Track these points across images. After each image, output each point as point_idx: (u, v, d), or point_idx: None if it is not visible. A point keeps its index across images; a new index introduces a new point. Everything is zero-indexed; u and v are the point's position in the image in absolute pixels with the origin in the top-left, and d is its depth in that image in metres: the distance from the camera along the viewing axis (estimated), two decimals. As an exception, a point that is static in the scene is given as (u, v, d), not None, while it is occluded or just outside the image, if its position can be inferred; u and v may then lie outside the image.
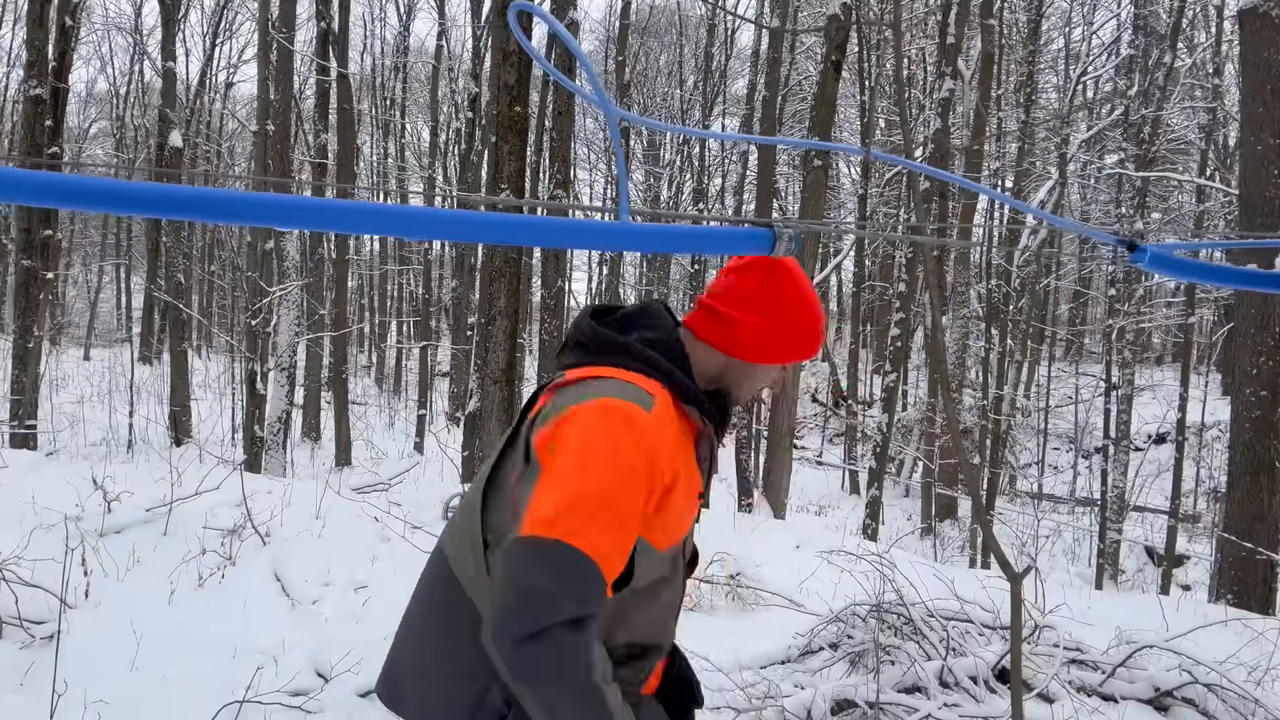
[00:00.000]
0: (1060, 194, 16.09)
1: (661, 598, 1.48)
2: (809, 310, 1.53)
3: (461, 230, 0.89)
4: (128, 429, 12.15)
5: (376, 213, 0.95)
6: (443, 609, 1.48)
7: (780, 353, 1.54)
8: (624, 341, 1.44)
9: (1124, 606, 6.13)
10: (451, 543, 1.51)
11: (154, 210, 0.88)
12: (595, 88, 0.82)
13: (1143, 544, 15.37)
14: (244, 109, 27.81)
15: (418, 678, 1.50)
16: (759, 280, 1.50)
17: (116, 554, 4.70)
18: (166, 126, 12.86)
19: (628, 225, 0.83)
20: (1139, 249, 1.16)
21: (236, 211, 0.90)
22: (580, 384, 1.40)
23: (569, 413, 1.34)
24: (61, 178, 0.84)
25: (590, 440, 1.30)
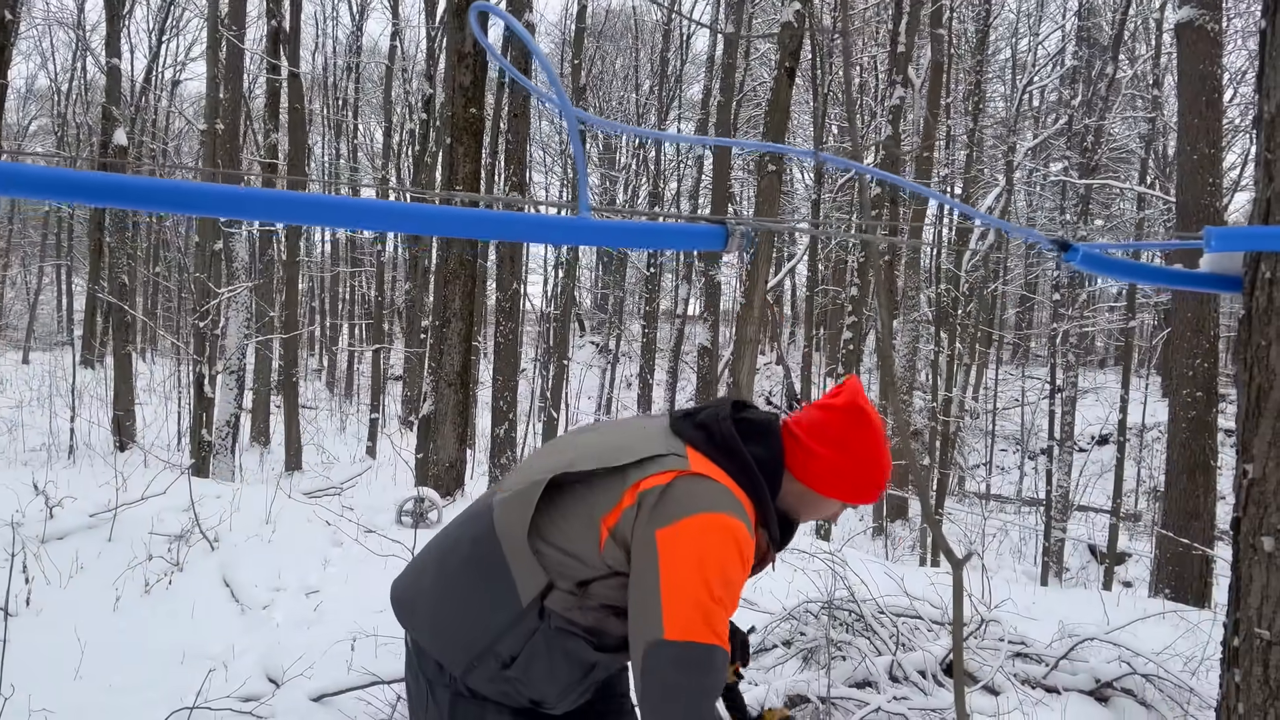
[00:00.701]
0: (1007, 200, 16.45)
1: None
2: (879, 459, 1.72)
3: (423, 224, 0.90)
4: (69, 434, 11.84)
5: (338, 205, 0.96)
6: (479, 564, 1.68)
7: (844, 490, 1.72)
8: (742, 455, 1.65)
9: (1067, 601, 6.28)
10: (502, 513, 1.69)
11: (104, 199, 0.88)
12: (554, 88, 0.85)
13: (1086, 542, 15.77)
14: (191, 107, 27.28)
15: (437, 605, 1.72)
16: (843, 421, 1.71)
17: (59, 561, 4.59)
18: (110, 124, 12.57)
19: (587, 220, 0.85)
20: (1072, 249, 1.21)
21: (188, 202, 0.91)
22: (702, 482, 1.60)
23: (698, 521, 1.55)
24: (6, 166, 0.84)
25: (719, 556, 1.54)
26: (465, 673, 1.67)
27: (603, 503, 1.61)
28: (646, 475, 1.60)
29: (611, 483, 1.62)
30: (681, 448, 1.65)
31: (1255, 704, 1.38)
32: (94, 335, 21.59)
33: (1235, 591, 1.44)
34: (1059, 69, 18.40)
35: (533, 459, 1.82)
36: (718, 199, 15.72)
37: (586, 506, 1.63)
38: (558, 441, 1.88)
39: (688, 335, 22.40)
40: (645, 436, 1.69)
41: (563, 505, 1.65)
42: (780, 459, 1.70)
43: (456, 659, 1.67)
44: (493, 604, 1.64)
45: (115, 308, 13.09)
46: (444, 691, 1.71)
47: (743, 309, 10.26)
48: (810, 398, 22.42)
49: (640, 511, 1.57)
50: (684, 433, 1.68)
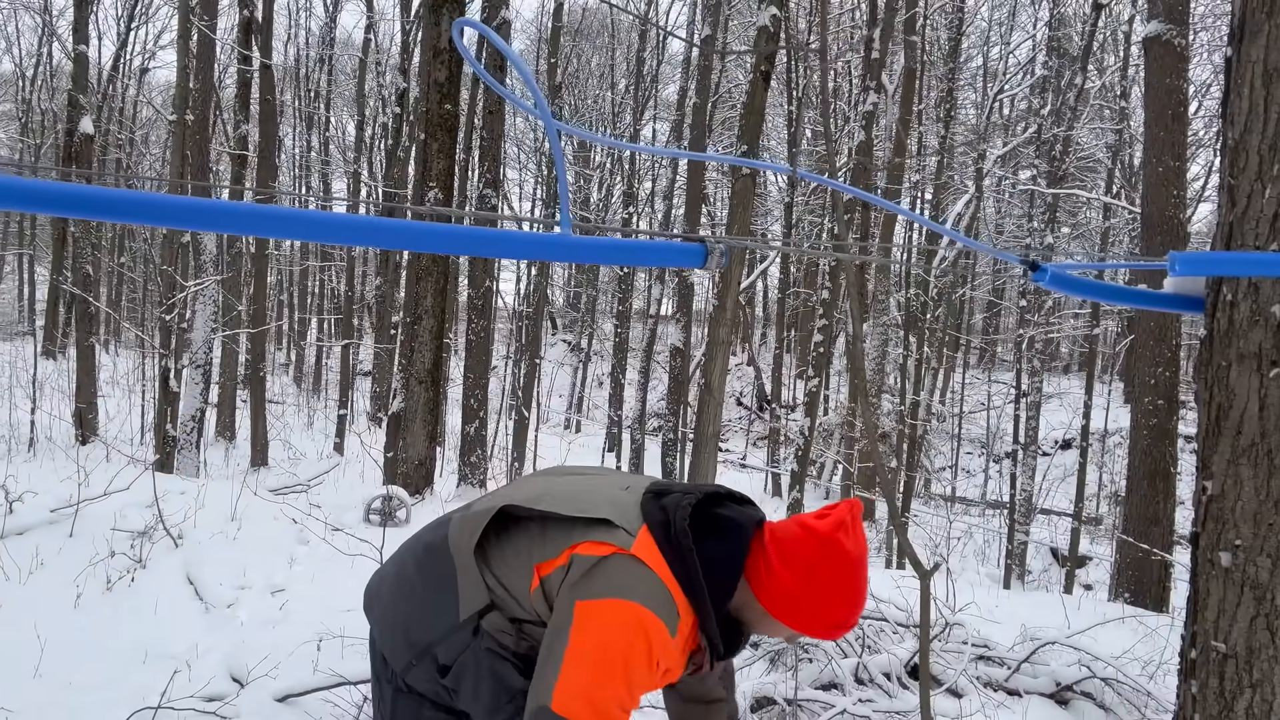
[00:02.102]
0: (976, 208, 16.64)
1: None
2: (844, 600, 1.59)
3: (400, 239, 0.90)
4: (30, 426, 11.62)
5: (312, 220, 0.96)
6: (431, 570, 1.73)
7: (795, 619, 1.62)
8: (692, 558, 1.57)
9: (1029, 604, 6.38)
10: (457, 529, 1.74)
11: (63, 210, 0.87)
12: (539, 103, 0.85)
13: (1048, 545, 16.00)
14: (160, 96, 26.86)
15: (391, 603, 1.78)
16: (817, 548, 1.59)
17: (19, 556, 4.51)
18: (77, 112, 12.35)
19: (567, 238, 0.86)
20: (1040, 269, 1.24)
21: (151, 214, 0.90)
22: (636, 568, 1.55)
23: (615, 605, 1.52)
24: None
25: (623, 648, 1.51)
26: (405, 670, 1.71)
27: (543, 551, 1.62)
28: (588, 540, 1.58)
29: (558, 534, 1.62)
30: (638, 525, 1.60)
31: (1211, 715, 1.42)
32: (56, 326, 21.20)
33: (1193, 605, 1.48)
34: (1029, 78, 18.64)
35: (512, 484, 1.85)
36: (692, 200, 15.77)
37: (529, 549, 1.64)
38: (546, 473, 1.88)
39: (660, 335, 22.43)
40: (611, 499, 1.65)
41: (512, 539, 1.67)
42: (737, 564, 1.62)
43: (400, 656, 1.72)
44: (436, 610, 1.68)
45: (78, 298, 12.87)
46: (388, 687, 1.77)
47: (715, 310, 10.30)
48: (780, 399, 22.55)
49: (569, 574, 1.56)
50: (648, 512, 1.63)
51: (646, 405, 19.41)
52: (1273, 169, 1.39)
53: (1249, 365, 1.39)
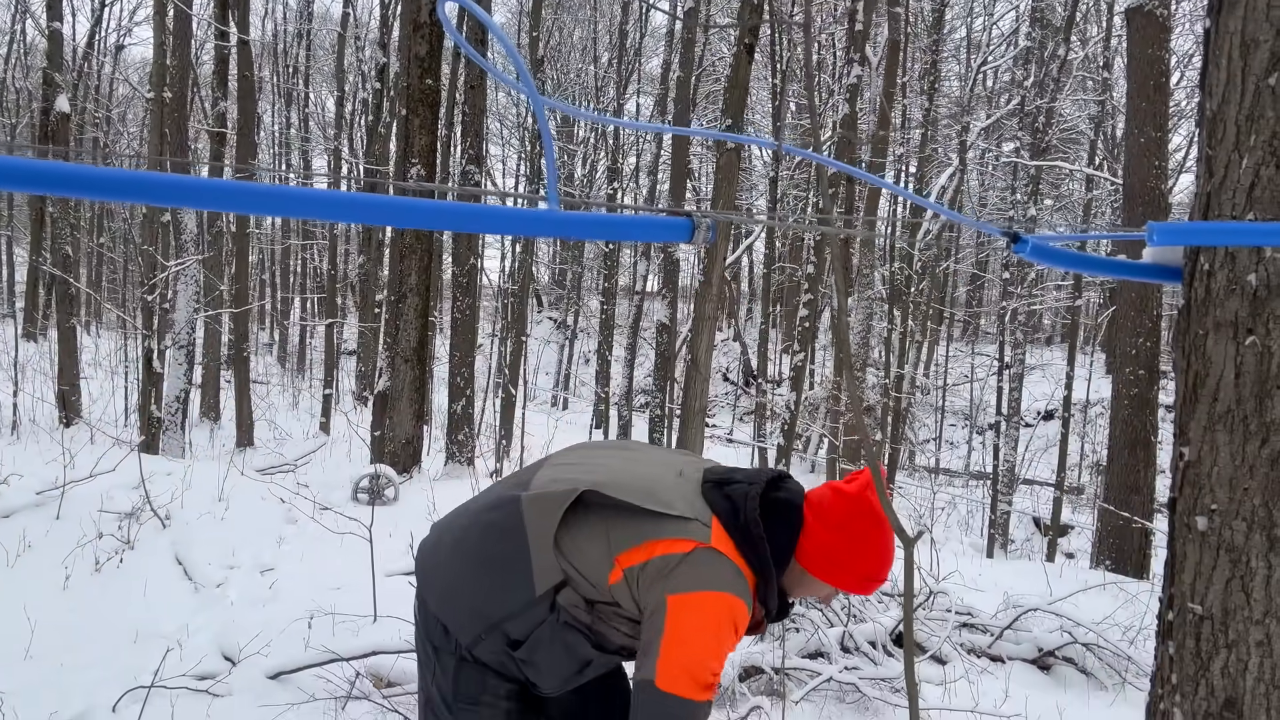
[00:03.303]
0: (960, 180, 16.67)
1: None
2: (876, 554, 1.76)
3: (383, 215, 0.90)
4: (12, 409, 11.53)
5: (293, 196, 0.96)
6: (501, 548, 1.77)
7: (833, 574, 1.78)
8: (763, 544, 1.72)
9: (1012, 573, 6.47)
10: (530, 506, 1.77)
11: (44, 188, 0.86)
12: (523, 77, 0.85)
13: (1031, 515, 16.19)
14: (136, 73, 26.45)
15: (454, 578, 1.81)
16: (848, 507, 1.76)
17: (5, 539, 4.51)
18: (52, 90, 12.14)
19: (554, 213, 0.86)
20: (1021, 240, 1.26)
21: (132, 191, 0.90)
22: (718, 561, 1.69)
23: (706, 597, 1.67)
24: None
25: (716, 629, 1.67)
26: (473, 643, 1.77)
27: (622, 541, 1.71)
28: (670, 537, 1.70)
29: (635, 524, 1.72)
30: (708, 516, 1.73)
31: (1188, 675, 1.46)
32: (36, 308, 20.97)
33: (1170, 568, 1.51)
34: (1012, 49, 18.62)
35: (558, 462, 1.90)
36: (676, 175, 15.71)
37: (606, 537, 1.73)
38: (584, 451, 1.96)
39: (646, 311, 22.42)
40: (676, 488, 1.77)
41: (584, 523, 1.75)
42: (794, 543, 1.79)
43: (466, 629, 1.77)
44: (508, 587, 1.73)
45: (58, 280, 12.73)
46: (449, 658, 1.81)
47: (701, 286, 10.30)
48: (767, 374, 22.62)
49: (658, 570, 1.68)
50: (714, 502, 1.76)
51: (633, 382, 19.44)
52: (1250, 139, 1.40)
53: (1225, 333, 1.41)
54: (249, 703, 3.32)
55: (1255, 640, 1.38)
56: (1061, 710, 3.67)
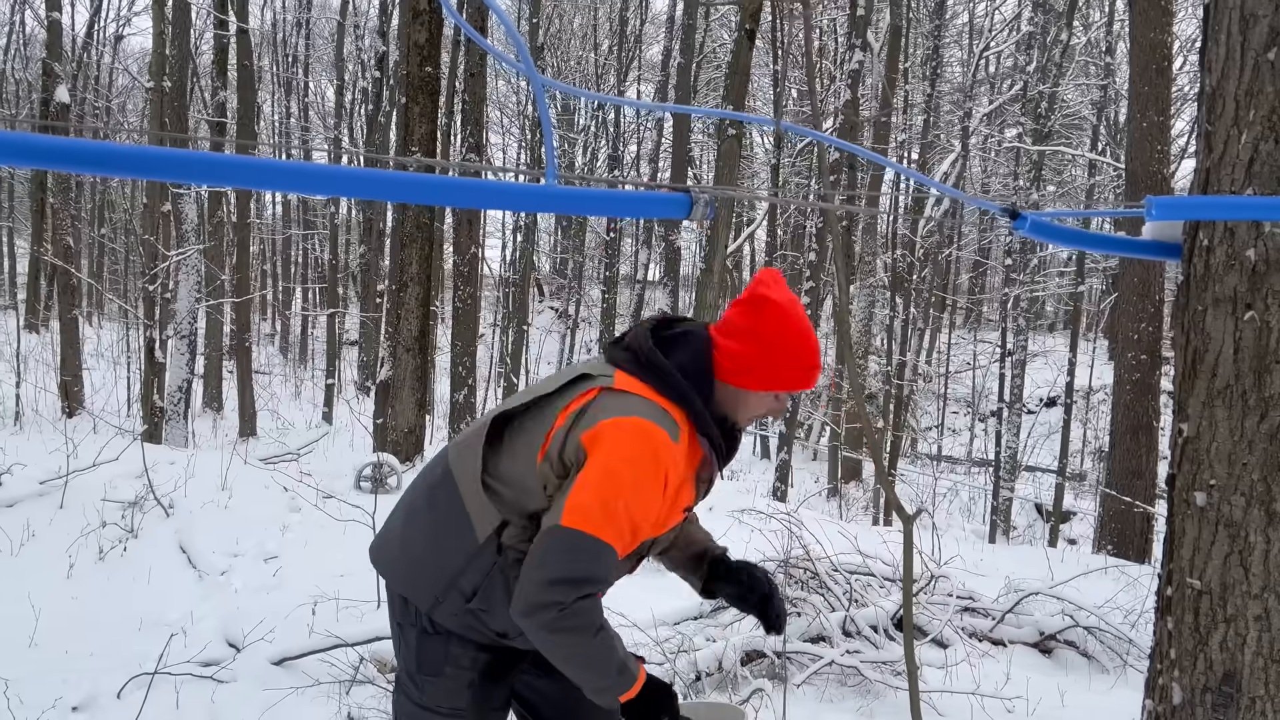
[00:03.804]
0: (962, 166, 16.62)
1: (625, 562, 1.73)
2: (796, 342, 1.70)
3: (385, 190, 0.90)
4: (15, 400, 11.55)
5: (295, 171, 0.96)
6: (435, 502, 1.76)
7: (769, 381, 1.71)
8: (667, 368, 1.66)
9: (1014, 558, 6.49)
10: (456, 457, 1.77)
11: (48, 162, 0.87)
12: (522, 56, 0.85)
13: (1033, 501, 16.20)
14: (135, 63, 26.38)
15: (404, 548, 1.79)
16: (746, 311, 1.70)
17: (10, 528, 4.53)
18: (52, 81, 12.13)
19: (553, 189, 0.86)
20: (1020, 216, 1.25)
21: (135, 166, 0.90)
22: (625, 396, 1.64)
23: (614, 423, 1.59)
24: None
25: (628, 455, 1.57)
26: (432, 608, 1.73)
27: (538, 430, 1.68)
28: (574, 396, 1.66)
29: (545, 411, 1.69)
30: (610, 371, 1.70)
31: (1186, 649, 1.46)
32: (38, 299, 20.98)
33: (1169, 544, 1.52)
34: (1015, 34, 18.53)
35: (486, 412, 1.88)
36: (677, 162, 15.68)
37: (526, 437, 1.69)
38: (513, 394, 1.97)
39: (647, 300, 22.41)
40: (577, 368, 1.76)
41: (509, 442, 1.72)
42: (705, 365, 1.71)
43: (423, 596, 1.74)
44: (453, 542, 1.71)
45: (60, 270, 12.74)
46: (412, 630, 1.78)
47: (703, 274, 10.28)
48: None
49: (569, 427, 1.64)
50: (614, 358, 1.73)
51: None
52: (1249, 114, 1.40)
53: (1224, 309, 1.41)
54: (254, 688, 3.34)
55: (1253, 614, 1.38)
56: (1063, 693, 3.69)
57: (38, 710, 3.06)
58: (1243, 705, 1.40)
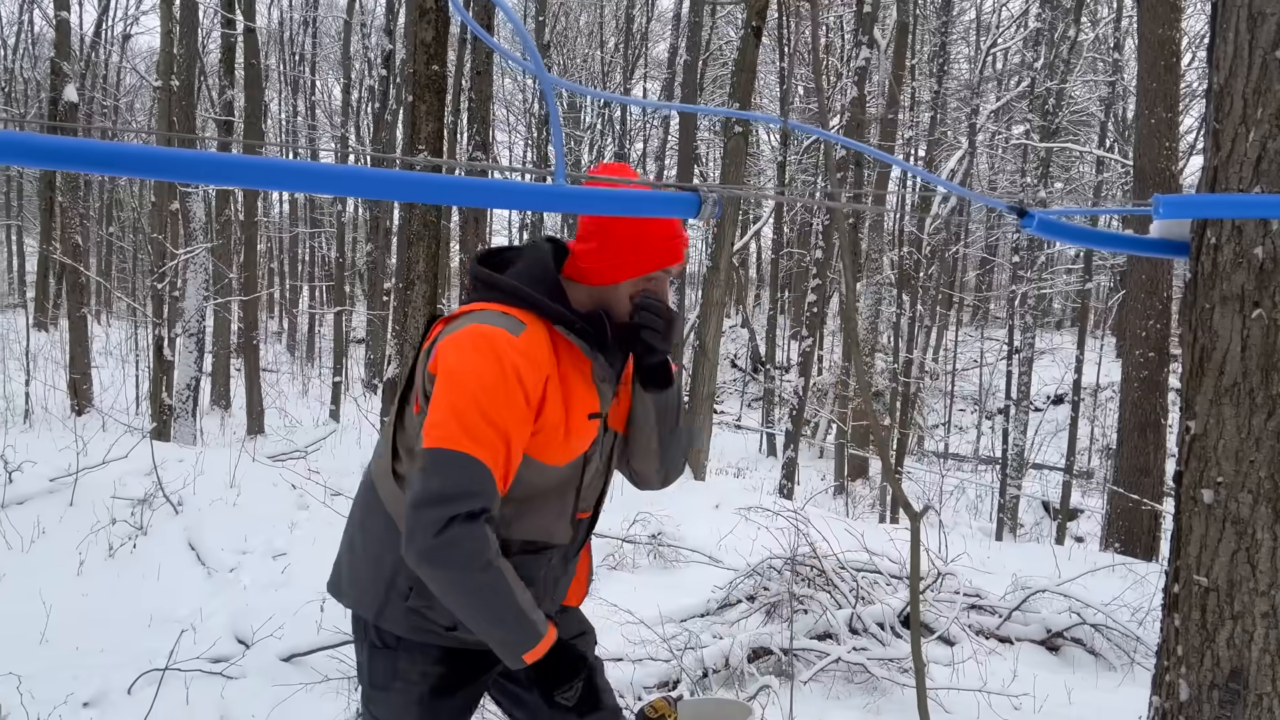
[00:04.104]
0: (970, 163, 16.58)
1: (551, 505, 1.68)
2: (629, 225, 1.61)
3: (393, 190, 0.91)
4: (24, 397, 11.61)
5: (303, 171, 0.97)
6: (364, 511, 1.77)
7: (629, 268, 1.64)
8: (498, 279, 1.62)
9: (1021, 555, 6.47)
10: (373, 462, 1.78)
11: (57, 163, 0.87)
12: (532, 56, 0.86)
13: (1040, 499, 16.17)
14: (143, 62, 26.45)
15: (347, 565, 1.79)
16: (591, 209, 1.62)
17: (20, 525, 4.56)
18: (60, 80, 12.19)
19: (562, 188, 0.87)
20: (1028, 215, 1.26)
21: (143, 166, 0.90)
22: (462, 316, 1.61)
23: (449, 338, 1.56)
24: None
25: (468, 362, 1.51)
26: (378, 616, 1.69)
27: (411, 394, 1.68)
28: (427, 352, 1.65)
29: (417, 378, 1.67)
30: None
31: (1193, 646, 1.46)
32: (47, 297, 21.08)
33: (1176, 541, 1.52)
34: (1022, 31, 18.47)
35: None
36: (684, 160, 15.66)
37: (409, 407, 1.69)
38: None
39: (653, 297, 22.36)
40: None
41: (405, 422, 1.70)
42: (547, 268, 1.65)
43: (368, 606, 1.71)
44: (384, 544, 1.68)
45: (69, 269, 12.80)
46: (363, 646, 1.76)
47: (709, 272, 10.29)
48: (775, 360, 22.60)
49: (421, 368, 1.64)
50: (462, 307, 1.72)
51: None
52: (1256, 113, 1.40)
53: (1232, 307, 1.41)
54: (263, 684, 3.36)
55: (1261, 611, 1.38)
56: (1070, 690, 3.68)
57: (49, 706, 3.08)
58: (1250, 702, 1.40)
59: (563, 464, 1.64)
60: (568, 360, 1.61)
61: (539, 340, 1.57)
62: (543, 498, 1.66)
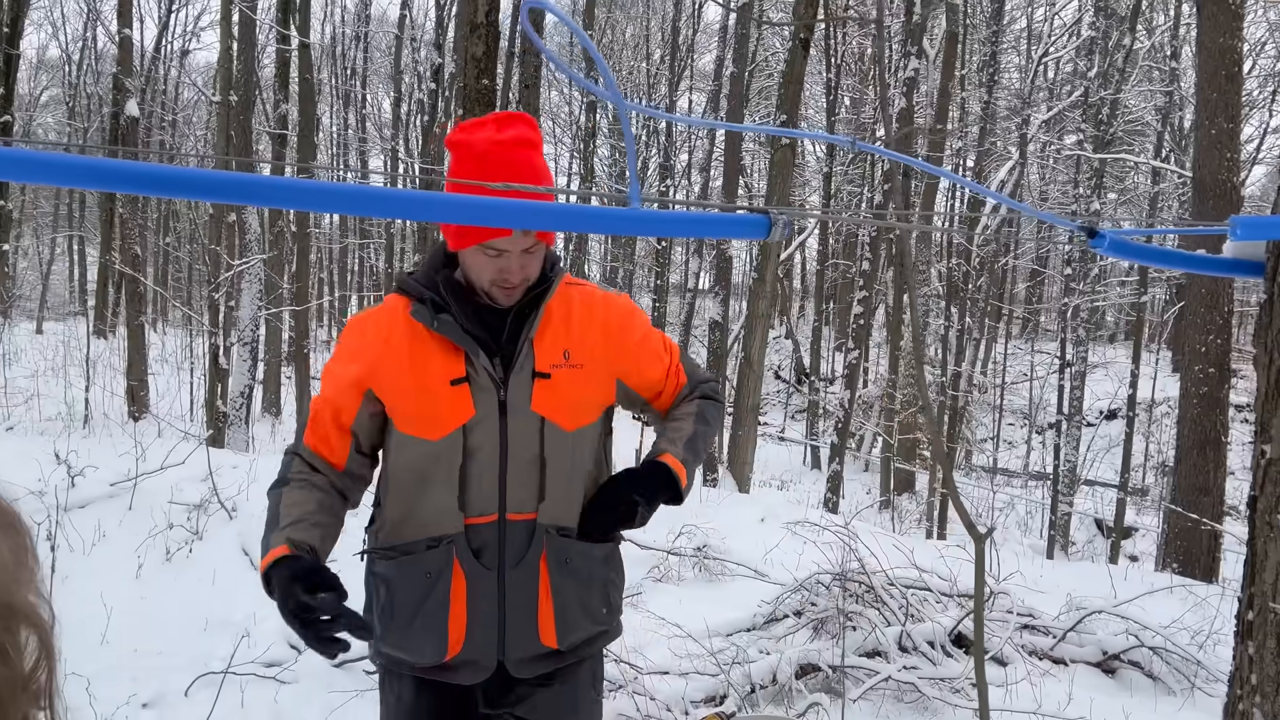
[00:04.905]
0: (1020, 174, 16.34)
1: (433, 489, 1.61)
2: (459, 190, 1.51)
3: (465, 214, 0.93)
4: (84, 403, 11.94)
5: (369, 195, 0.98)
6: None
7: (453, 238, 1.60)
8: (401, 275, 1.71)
9: (1074, 575, 6.33)
10: None
11: (121, 186, 0.90)
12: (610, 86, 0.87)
13: (1093, 516, 15.82)
14: (201, 77, 27.16)
15: None
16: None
17: (82, 529, 4.67)
18: (122, 95, 12.56)
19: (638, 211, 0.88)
20: (1099, 235, 1.24)
21: (201, 189, 0.92)
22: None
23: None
24: (26, 154, 0.85)
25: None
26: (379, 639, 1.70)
27: None
28: None
29: None
30: None
31: (1269, 675, 1.42)
32: (106, 305, 21.68)
33: (1250, 567, 1.48)
34: (1075, 40, 18.19)
35: None
36: (729, 172, 15.66)
37: None
38: None
39: (698, 309, 22.39)
40: None
41: None
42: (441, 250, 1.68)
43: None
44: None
45: (128, 278, 13.16)
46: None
47: (754, 283, 10.26)
48: (819, 371, 22.43)
49: None
50: None
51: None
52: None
53: (1310, 328, 1.38)
54: (316, 689, 3.41)
55: (1340, 643, 1.34)
56: (1127, 715, 3.59)
57: (111, 706, 3.16)
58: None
59: (435, 438, 1.59)
60: (421, 328, 1.61)
61: (382, 312, 1.68)
62: (421, 479, 1.62)
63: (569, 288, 1.70)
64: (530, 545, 1.61)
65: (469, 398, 1.58)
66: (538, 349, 1.61)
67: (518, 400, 1.59)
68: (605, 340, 1.67)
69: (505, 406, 1.59)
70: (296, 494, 1.65)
